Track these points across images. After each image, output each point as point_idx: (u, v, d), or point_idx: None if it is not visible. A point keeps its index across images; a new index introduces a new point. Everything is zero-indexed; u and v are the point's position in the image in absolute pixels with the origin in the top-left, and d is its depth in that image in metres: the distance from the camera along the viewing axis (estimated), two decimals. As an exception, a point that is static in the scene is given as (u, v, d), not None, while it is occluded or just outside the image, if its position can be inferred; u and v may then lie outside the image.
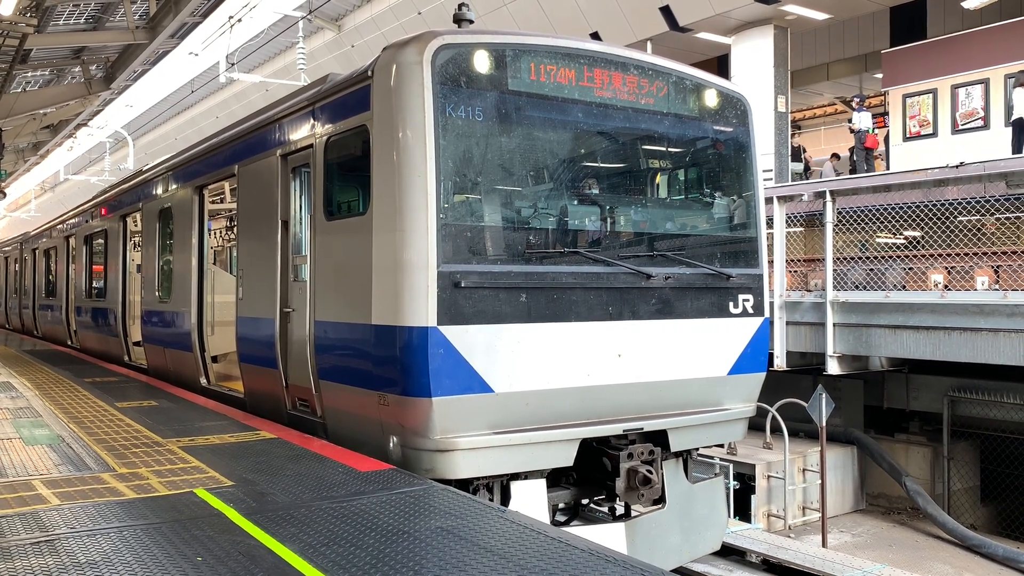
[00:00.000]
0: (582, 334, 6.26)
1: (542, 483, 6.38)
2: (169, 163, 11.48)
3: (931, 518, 11.76)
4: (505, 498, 6.23)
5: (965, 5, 20.23)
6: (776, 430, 12.29)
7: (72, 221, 17.43)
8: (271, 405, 7.93)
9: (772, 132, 20.17)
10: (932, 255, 11.20)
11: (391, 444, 6.08)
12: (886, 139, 21.14)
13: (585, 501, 7.51)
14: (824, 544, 10.75)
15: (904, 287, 11.25)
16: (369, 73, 6.26)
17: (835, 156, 23.77)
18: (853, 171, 20.33)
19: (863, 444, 13.08)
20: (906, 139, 20.06)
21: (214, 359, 10.07)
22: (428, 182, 5.74)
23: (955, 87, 19.17)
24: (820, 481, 11.42)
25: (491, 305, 5.86)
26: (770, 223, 11.39)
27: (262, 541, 4.15)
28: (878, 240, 13.26)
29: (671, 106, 7.02)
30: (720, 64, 23.43)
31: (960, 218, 10.84)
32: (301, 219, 7.57)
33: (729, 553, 9.29)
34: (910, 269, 11.49)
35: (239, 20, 22.02)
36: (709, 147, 7.49)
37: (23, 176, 51.49)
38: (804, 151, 25.55)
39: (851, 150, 21.76)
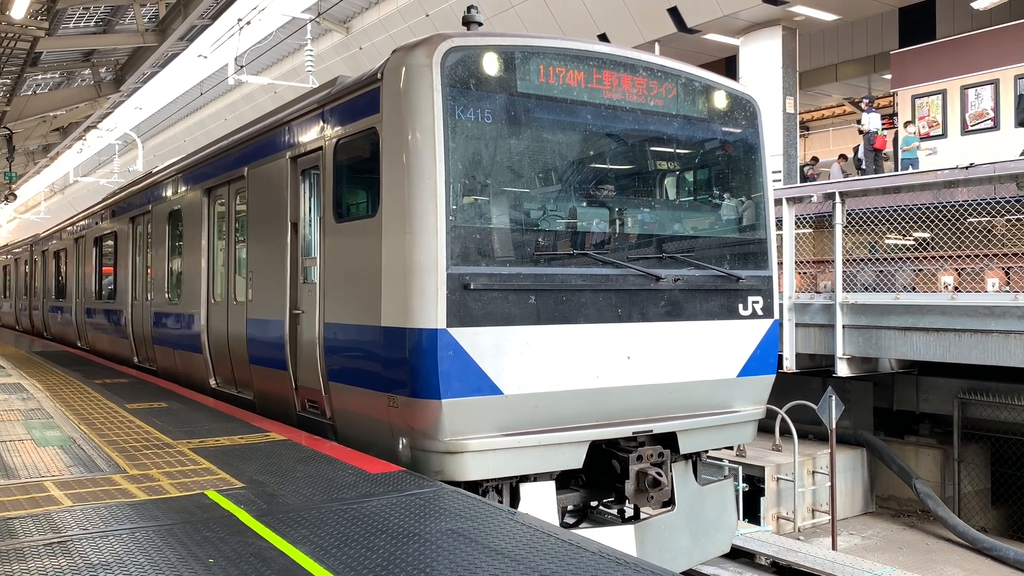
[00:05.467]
0: (591, 336, 6.26)
1: (551, 485, 6.38)
2: (178, 166, 11.53)
3: (941, 521, 11.70)
4: (514, 500, 6.23)
5: (975, 5, 20.14)
6: (785, 432, 12.25)
7: (82, 223, 17.51)
8: (280, 407, 7.95)
9: (780, 133, 20.11)
10: (942, 257, 11.15)
11: (400, 446, 6.09)
12: (894, 140, 21.05)
13: (594, 503, 7.50)
14: (834, 547, 10.71)
15: (914, 289, 11.20)
16: (378, 76, 6.28)
17: (843, 157, 23.70)
18: (860, 172, 20.25)
19: (873, 446, 13.03)
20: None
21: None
22: (437, 184, 5.75)
23: (965, 88, 19.08)
24: (830, 483, 11.38)
25: (500, 307, 5.86)
26: (779, 224, 11.36)
27: (273, 543, 4.16)
28: (888, 241, 13.20)
29: (680, 108, 7.01)
30: (728, 65, 23.38)
31: (970, 219, 10.78)
32: (310, 221, 7.59)
33: (738, 555, 9.26)
34: (920, 271, 11.44)
35: (248, 23, 22.09)
36: (718, 149, 7.48)
37: (33, 178, 51.73)
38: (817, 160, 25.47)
39: (855, 149, 21.66)
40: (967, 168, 10.89)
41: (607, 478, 6.75)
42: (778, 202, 11.34)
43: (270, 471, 5.75)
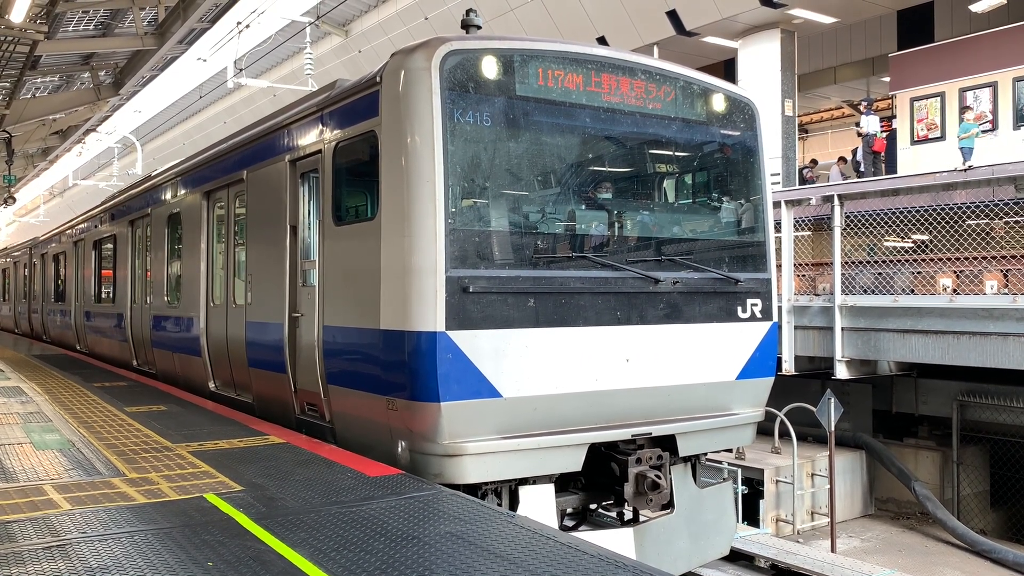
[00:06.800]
0: (590, 339, 6.26)
1: (551, 488, 6.38)
2: (177, 169, 11.53)
3: (940, 523, 11.70)
4: (514, 503, 6.23)
5: (973, 8, 20.17)
6: (784, 435, 12.25)
7: (81, 226, 17.51)
8: (279, 410, 7.95)
9: (779, 136, 20.13)
10: (940, 259, 11.16)
11: (400, 449, 6.09)
12: (890, 139, 21.04)
13: (593, 506, 7.50)
14: (833, 549, 10.71)
15: (912, 291, 11.22)
16: (377, 79, 6.28)
17: (841, 160, 23.73)
18: (858, 174, 20.27)
19: (872, 449, 13.03)
20: (914, 143, 19.99)
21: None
22: (436, 187, 5.75)
23: (963, 90, 19.10)
24: (829, 486, 11.38)
25: (499, 310, 5.87)
26: (778, 227, 11.37)
27: (272, 546, 4.16)
28: (886, 244, 13.22)
29: (679, 111, 7.02)
30: (727, 68, 23.40)
31: (969, 222, 10.80)
32: (310, 224, 7.59)
33: (738, 558, 9.27)
34: (918, 273, 11.45)
35: (247, 26, 22.07)
36: (717, 151, 7.49)
37: (32, 181, 51.71)
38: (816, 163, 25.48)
39: (853, 152, 21.67)
40: (966, 170, 10.91)
41: (606, 481, 6.75)
42: (777, 205, 11.35)
43: (269, 474, 5.75)
